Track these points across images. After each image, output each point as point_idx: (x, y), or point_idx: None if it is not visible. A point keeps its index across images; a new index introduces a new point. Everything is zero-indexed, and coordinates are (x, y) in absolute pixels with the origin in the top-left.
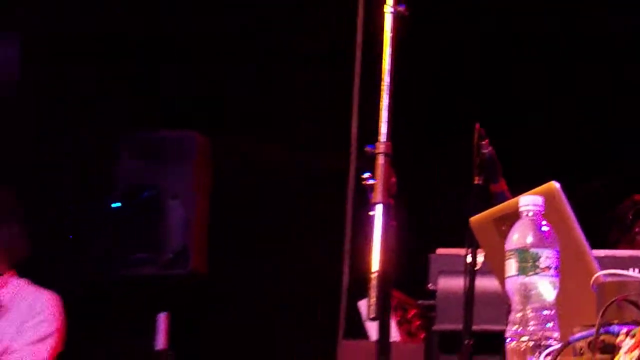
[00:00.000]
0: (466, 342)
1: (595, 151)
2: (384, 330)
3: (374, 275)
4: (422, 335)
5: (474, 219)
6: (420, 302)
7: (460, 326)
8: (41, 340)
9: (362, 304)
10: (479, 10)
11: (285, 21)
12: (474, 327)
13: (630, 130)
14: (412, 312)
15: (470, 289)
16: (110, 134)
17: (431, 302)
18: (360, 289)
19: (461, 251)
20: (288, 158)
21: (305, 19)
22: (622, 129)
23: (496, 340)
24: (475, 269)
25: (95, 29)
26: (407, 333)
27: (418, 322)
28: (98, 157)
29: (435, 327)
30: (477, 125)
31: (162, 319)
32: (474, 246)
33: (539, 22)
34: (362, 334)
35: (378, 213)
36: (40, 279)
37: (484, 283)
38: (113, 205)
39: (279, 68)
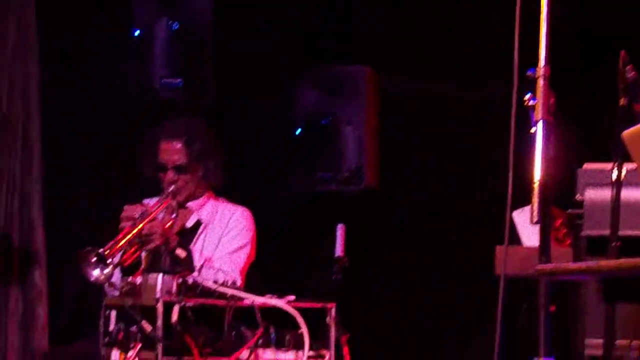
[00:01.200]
0: (613, 244)
1: None
2: (544, 232)
3: (536, 184)
4: (568, 242)
5: (626, 132)
6: (569, 211)
7: (606, 232)
8: (237, 250)
9: (516, 214)
10: None
11: None
12: (620, 233)
13: None
14: (559, 221)
15: (616, 196)
16: (293, 69)
17: (579, 211)
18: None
19: (606, 166)
20: (453, 90)
21: None
22: None
23: None
24: (621, 180)
25: None
26: (555, 239)
27: (564, 230)
28: (283, 89)
29: (583, 233)
30: (622, 52)
31: (340, 230)
32: (620, 159)
33: None
34: (515, 241)
35: (539, 129)
36: (237, 197)
37: (629, 193)
38: (296, 131)
39: (442, 3)
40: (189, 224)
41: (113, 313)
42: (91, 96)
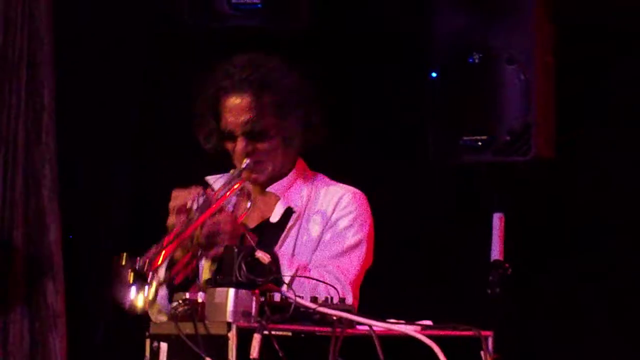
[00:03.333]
0: None
1: None
2: None
3: None
4: None
5: None
6: None
7: None
8: (347, 251)
9: None
10: None
11: None
12: None
13: None
14: None
15: None
16: None
17: None
18: None
19: None
20: None
21: None
22: None
23: None
24: None
25: None
26: None
27: None
28: (410, 11)
29: None
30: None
31: (497, 222)
32: None
33: None
34: None
35: None
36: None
37: None
38: (431, 74)
39: None
40: (274, 216)
41: (163, 346)
42: (124, 26)
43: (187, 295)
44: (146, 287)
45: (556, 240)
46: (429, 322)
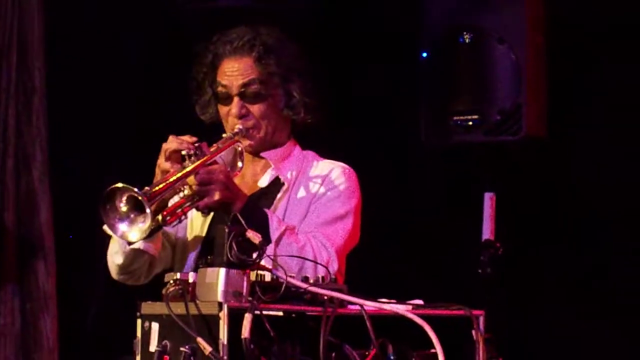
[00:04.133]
0: None
1: None
2: None
3: None
4: None
5: None
6: None
7: None
8: (334, 220)
9: None
10: None
11: None
12: None
13: None
14: None
15: None
16: None
17: None
18: None
19: None
20: None
21: None
22: None
23: None
24: None
25: None
26: None
27: None
28: None
29: None
30: None
31: (488, 201)
32: None
33: None
34: None
35: None
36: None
37: None
38: (422, 54)
39: None
40: (263, 181)
41: (154, 326)
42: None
43: (178, 275)
44: (139, 218)
45: (547, 220)
46: (420, 302)
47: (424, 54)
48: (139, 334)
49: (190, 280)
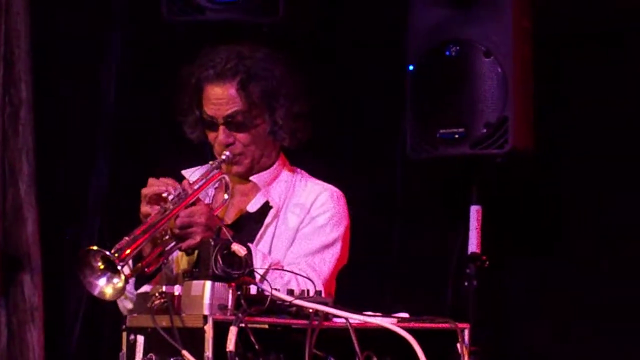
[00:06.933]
0: None
1: None
2: None
3: None
4: None
5: None
6: None
7: None
8: (321, 249)
9: None
10: None
11: None
12: None
13: None
14: None
15: None
16: None
17: None
18: None
19: None
20: None
21: None
22: None
23: None
24: None
25: None
26: None
27: None
28: (389, 3)
29: None
30: None
31: (474, 214)
32: None
33: None
34: None
35: None
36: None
37: None
38: (408, 67)
39: None
40: (252, 206)
41: (140, 339)
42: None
43: (164, 288)
44: (116, 277)
45: (533, 232)
46: (405, 315)
47: (410, 67)
48: (124, 346)
49: (176, 293)
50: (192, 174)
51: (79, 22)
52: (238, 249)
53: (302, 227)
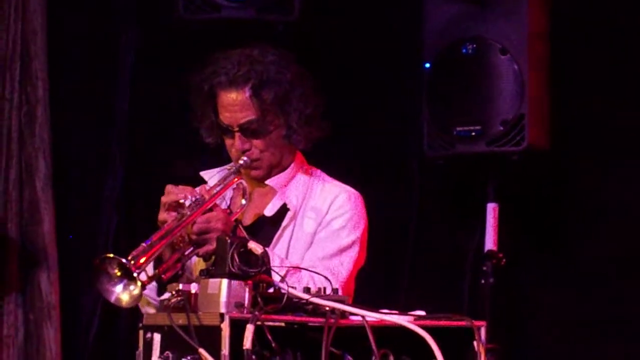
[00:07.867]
0: None
1: None
2: None
3: None
4: None
5: None
6: None
7: None
8: (339, 252)
9: None
10: None
11: None
12: None
13: None
14: None
15: None
16: None
17: None
18: None
19: None
20: None
21: None
22: None
23: None
24: None
25: None
26: None
27: None
28: (404, 2)
29: None
30: None
31: (491, 212)
32: None
33: None
34: None
35: None
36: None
37: None
38: (425, 65)
39: None
40: (269, 210)
41: (157, 337)
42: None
43: (181, 286)
44: (131, 284)
45: (550, 230)
46: (422, 313)
47: (427, 65)
48: (141, 345)
49: (193, 291)
50: (211, 177)
51: (95, 20)
52: (255, 246)
53: (319, 231)
